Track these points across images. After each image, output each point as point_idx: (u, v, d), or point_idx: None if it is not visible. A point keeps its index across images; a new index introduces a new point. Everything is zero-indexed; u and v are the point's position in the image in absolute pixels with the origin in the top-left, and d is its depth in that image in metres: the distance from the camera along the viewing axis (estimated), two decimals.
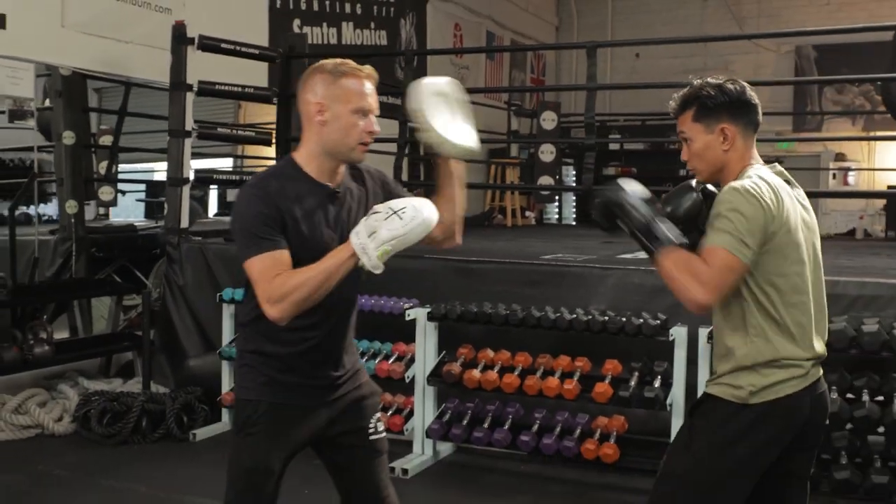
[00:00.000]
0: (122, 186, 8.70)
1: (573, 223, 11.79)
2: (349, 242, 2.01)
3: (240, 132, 8.14)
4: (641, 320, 4.01)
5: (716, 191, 2.18)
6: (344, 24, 9.22)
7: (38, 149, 7.09)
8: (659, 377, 4.00)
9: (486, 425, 4.25)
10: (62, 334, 6.12)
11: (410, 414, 4.44)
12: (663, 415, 3.98)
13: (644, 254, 2.18)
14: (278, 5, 8.26)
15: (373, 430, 2.34)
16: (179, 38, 5.48)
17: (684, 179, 2.38)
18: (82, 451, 4.58)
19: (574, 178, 11.62)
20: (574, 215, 11.96)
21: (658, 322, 3.99)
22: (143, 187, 10.49)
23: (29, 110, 6.92)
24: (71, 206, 6.49)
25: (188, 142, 5.56)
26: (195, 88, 5.53)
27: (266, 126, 8.67)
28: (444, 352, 4.45)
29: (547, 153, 8.27)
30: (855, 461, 3.70)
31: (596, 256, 5.01)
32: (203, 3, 6.45)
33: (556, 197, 11.40)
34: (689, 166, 2.25)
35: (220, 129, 7.25)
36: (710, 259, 2.04)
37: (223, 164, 10.62)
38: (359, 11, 9.41)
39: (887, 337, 3.64)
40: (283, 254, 2.07)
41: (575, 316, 4.17)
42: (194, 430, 4.77)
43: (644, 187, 2.21)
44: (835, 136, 11.74)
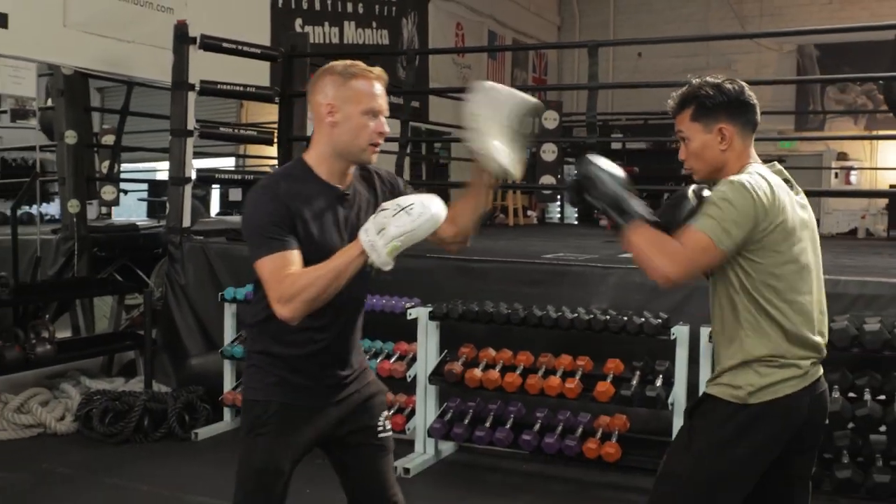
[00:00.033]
0: (124, 186, 8.72)
1: (575, 222, 11.79)
2: (358, 240, 2.01)
3: (242, 131, 8.18)
4: (643, 319, 4.01)
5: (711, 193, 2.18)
6: (346, 23, 9.23)
7: (40, 148, 7.12)
8: (661, 376, 4.00)
9: (487, 424, 4.25)
10: (64, 333, 6.13)
11: (412, 413, 4.44)
12: (665, 414, 3.98)
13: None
14: (280, 4, 8.27)
15: (381, 429, 2.35)
16: (181, 37, 5.49)
17: (687, 178, 2.38)
18: (84, 450, 4.59)
19: None
20: (576, 215, 11.96)
21: (660, 321, 3.99)
22: (146, 187, 10.50)
23: (31, 109, 6.94)
24: (73, 206, 6.49)
25: (190, 141, 5.56)
26: (197, 88, 5.53)
27: (268, 125, 8.70)
28: (445, 351, 4.45)
29: (549, 152, 8.26)
30: (857, 460, 3.70)
31: (598, 256, 5.00)
32: (205, 3, 6.44)
33: (558, 196, 11.38)
34: (686, 165, 2.24)
35: (221, 129, 7.27)
36: (685, 238, 2.05)
37: (225, 163, 10.65)
38: (361, 11, 9.42)
39: (889, 336, 3.64)
40: (294, 254, 2.07)
41: (576, 315, 4.17)
42: (196, 430, 4.78)
43: (613, 163, 2.22)
44: (837, 135, 11.75)
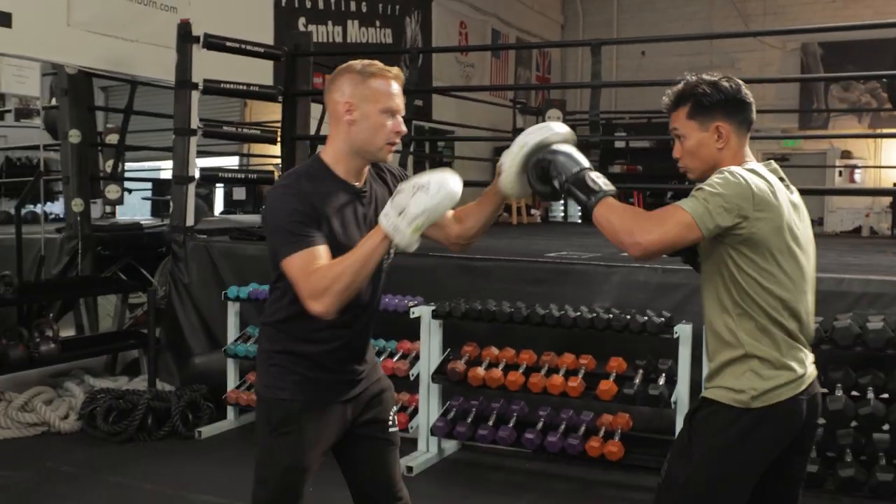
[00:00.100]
0: (128, 185, 8.71)
1: (578, 221, 11.77)
2: (379, 226, 2.02)
3: (245, 130, 8.19)
4: (646, 318, 4.01)
5: None
6: (349, 22, 9.24)
7: (44, 147, 7.14)
8: (663, 375, 4.00)
9: (490, 423, 4.25)
10: (68, 332, 6.15)
11: (415, 412, 4.45)
12: (668, 412, 3.97)
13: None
14: (283, 3, 8.28)
15: (392, 423, 2.38)
16: (185, 36, 5.49)
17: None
18: (88, 449, 4.60)
19: None
20: (579, 213, 11.94)
21: (662, 319, 3.99)
22: (150, 185, 10.50)
23: (35, 109, 6.97)
24: (77, 205, 6.50)
25: (194, 140, 5.57)
26: (200, 87, 5.53)
27: (271, 124, 8.70)
28: (448, 349, 4.45)
29: None
30: (860, 459, 3.70)
31: (600, 254, 5.00)
32: (208, 2, 6.45)
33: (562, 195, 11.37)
34: (680, 164, 2.21)
35: (225, 128, 7.29)
36: (667, 212, 2.02)
37: (229, 162, 10.67)
38: (364, 9, 9.42)
39: (892, 334, 3.62)
40: (321, 249, 2.07)
41: (579, 313, 4.17)
42: (199, 428, 4.79)
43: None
44: (841, 133, 11.73)
